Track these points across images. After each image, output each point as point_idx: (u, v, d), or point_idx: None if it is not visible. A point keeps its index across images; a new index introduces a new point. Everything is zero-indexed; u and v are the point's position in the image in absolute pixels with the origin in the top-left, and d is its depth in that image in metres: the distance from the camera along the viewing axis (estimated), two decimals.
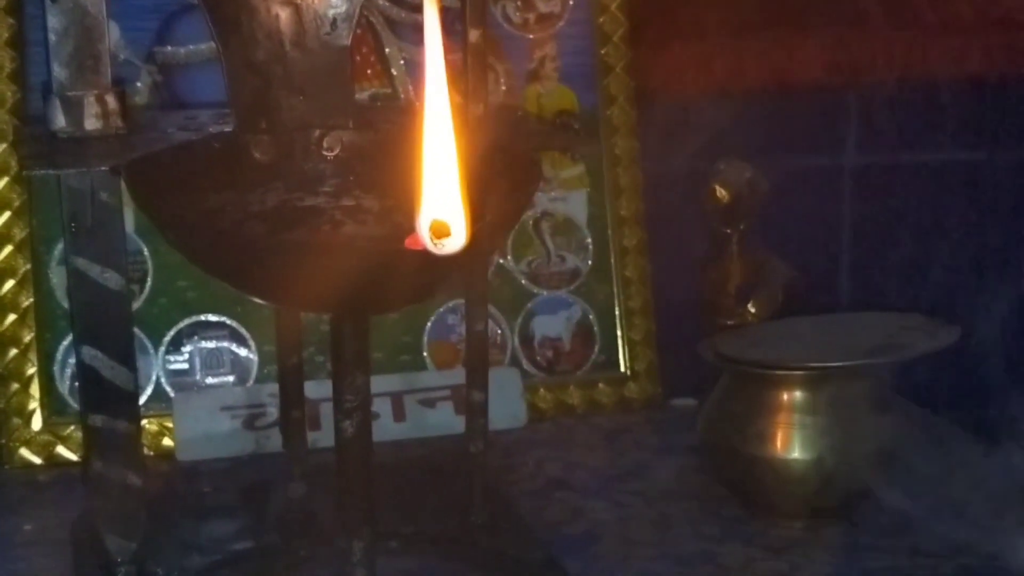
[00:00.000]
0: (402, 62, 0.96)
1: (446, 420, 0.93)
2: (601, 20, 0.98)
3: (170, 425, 0.91)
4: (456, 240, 0.52)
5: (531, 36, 0.97)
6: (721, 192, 0.97)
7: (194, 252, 0.62)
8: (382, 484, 0.73)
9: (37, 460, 0.89)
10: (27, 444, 0.90)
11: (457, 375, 0.93)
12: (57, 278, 0.90)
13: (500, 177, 0.61)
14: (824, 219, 1.07)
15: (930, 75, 1.05)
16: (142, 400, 0.87)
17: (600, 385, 0.98)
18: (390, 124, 0.75)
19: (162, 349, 0.92)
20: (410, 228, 0.55)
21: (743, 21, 1.03)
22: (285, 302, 0.71)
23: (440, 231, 0.52)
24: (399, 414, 0.93)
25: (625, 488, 0.85)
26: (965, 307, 0.90)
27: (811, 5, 1.04)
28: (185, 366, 0.93)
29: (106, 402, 0.71)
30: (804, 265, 1.00)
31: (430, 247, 0.53)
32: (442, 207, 0.53)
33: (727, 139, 0.98)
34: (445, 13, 0.97)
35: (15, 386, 0.90)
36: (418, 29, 0.96)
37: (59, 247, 0.89)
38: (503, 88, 0.96)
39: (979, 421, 0.96)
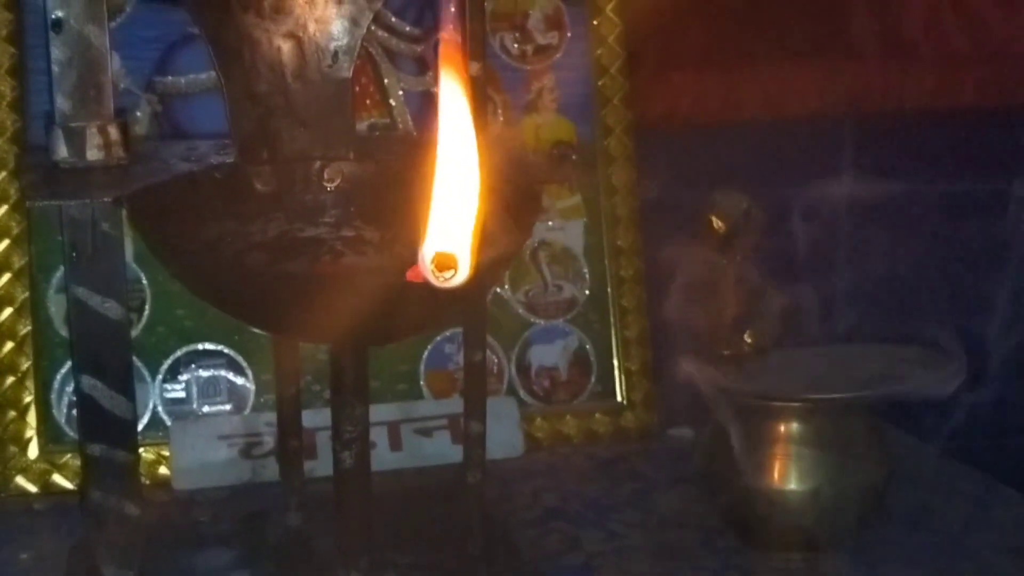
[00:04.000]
0: (400, 93, 0.96)
1: (443, 449, 0.93)
2: (599, 52, 0.99)
3: (167, 454, 0.91)
4: (460, 274, 0.53)
5: (529, 68, 0.98)
6: (718, 223, 0.97)
7: (195, 283, 0.63)
8: (379, 514, 0.73)
9: (33, 488, 0.89)
10: (23, 472, 0.89)
11: (454, 404, 0.93)
12: (55, 306, 0.90)
13: (502, 209, 0.61)
14: (820, 249, 1.07)
15: (925, 105, 1.06)
16: (138, 427, 0.87)
17: (597, 415, 0.98)
18: (390, 155, 0.76)
19: (159, 377, 0.92)
20: (411, 259, 0.55)
21: (739, 52, 1.04)
22: (286, 333, 0.71)
23: (444, 264, 0.53)
24: (396, 443, 0.93)
25: (622, 519, 0.85)
26: (962, 338, 0.91)
27: (806, 35, 1.05)
28: (182, 395, 0.93)
29: (105, 431, 0.71)
30: (800, 295, 1.01)
31: (432, 280, 0.53)
32: (447, 240, 0.53)
33: (724, 169, 0.99)
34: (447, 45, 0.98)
35: (12, 414, 0.90)
36: (417, 61, 0.97)
37: (58, 275, 0.89)
38: (501, 119, 0.97)
39: (975, 452, 0.97)
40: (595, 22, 0.99)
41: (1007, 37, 1.06)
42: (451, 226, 0.54)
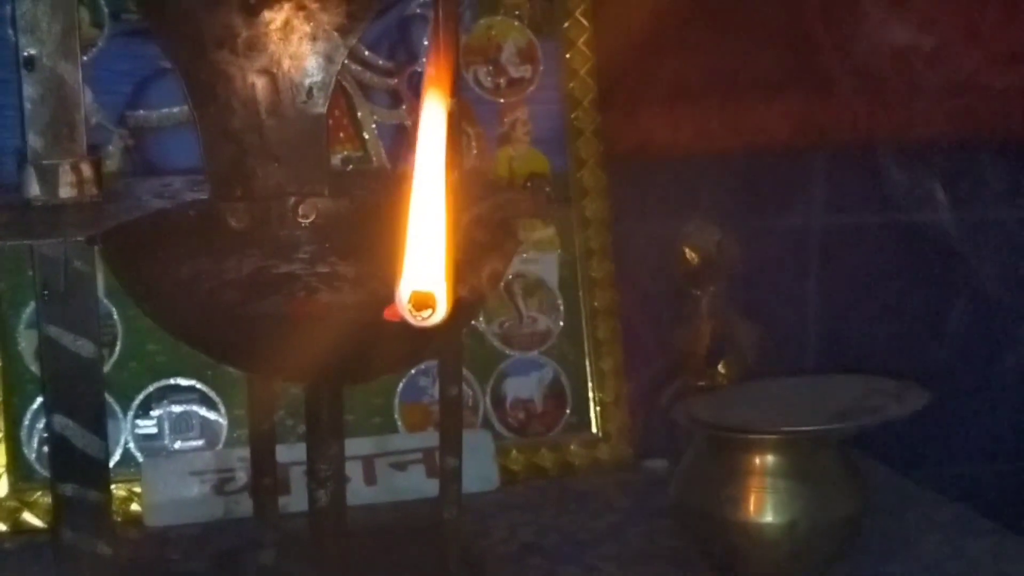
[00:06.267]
0: (374, 126, 0.96)
1: (418, 484, 0.92)
2: (571, 85, 0.99)
3: (138, 490, 0.90)
4: (438, 312, 0.52)
5: (502, 100, 0.98)
6: (691, 254, 0.98)
7: (170, 322, 0.62)
8: (354, 551, 0.73)
9: (2, 527, 0.88)
10: None
11: (429, 438, 0.92)
12: (25, 342, 0.89)
13: (479, 245, 0.61)
14: (792, 280, 1.08)
15: (895, 138, 1.07)
16: (110, 464, 0.86)
17: (572, 447, 0.98)
18: (365, 191, 0.76)
19: (131, 413, 0.92)
20: (386, 296, 0.55)
21: (710, 85, 1.04)
22: (262, 372, 0.70)
23: (421, 303, 0.52)
24: (370, 478, 0.93)
25: (599, 552, 0.85)
26: (934, 368, 0.91)
27: (777, 69, 1.06)
28: (154, 430, 0.92)
29: (77, 471, 0.70)
30: (773, 326, 1.01)
31: (410, 319, 0.53)
32: (423, 278, 0.53)
33: (696, 202, 0.99)
34: (417, 79, 0.99)
35: None
36: (390, 94, 0.97)
37: (28, 311, 0.88)
38: (475, 152, 0.97)
39: (948, 481, 0.97)
40: (567, 55, 0.99)
41: (975, 69, 1.07)
42: (427, 264, 0.54)
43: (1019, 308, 1.07)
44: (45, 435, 0.84)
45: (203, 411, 0.93)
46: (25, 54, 0.67)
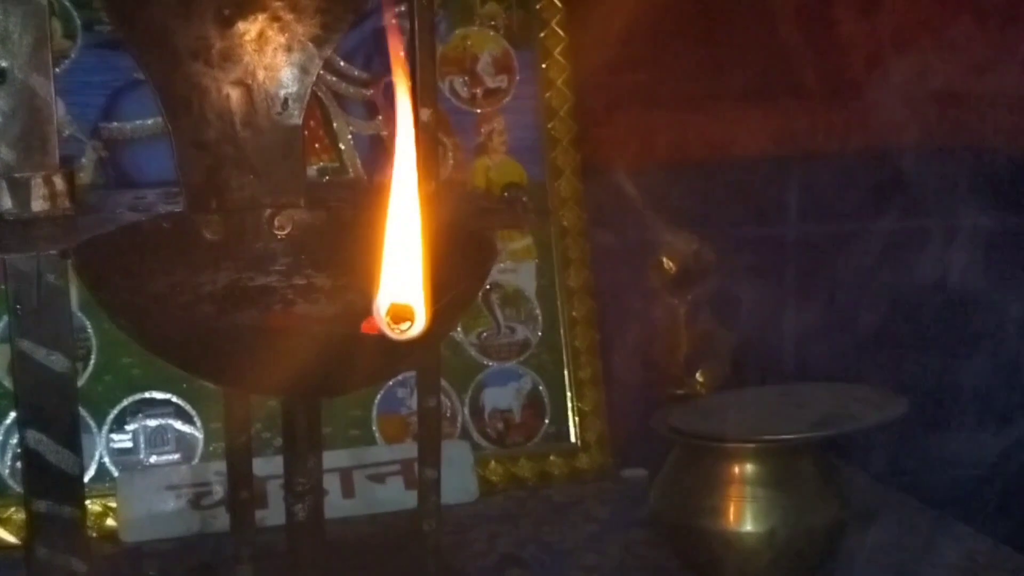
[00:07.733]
0: (350, 136, 0.96)
1: (397, 496, 0.92)
2: (547, 95, 0.99)
3: (114, 505, 0.89)
4: (416, 325, 0.52)
5: (479, 111, 0.98)
6: (668, 263, 0.97)
7: (144, 336, 0.62)
8: (333, 565, 0.72)
9: None
10: None
11: (407, 449, 0.92)
12: None
13: (456, 257, 0.61)
14: (770, 288, 1.08)
15: (869, 146, 1.07)
16: (85, 480, 0.85)
17: (551, 457, 0.98)
18: (341, 202, 0.75)
19: (106, 428, 0.91)
20: (364, 308, 0.55)
21: (686, 95, 1.05)
22: (238, 387, 0.70)
23: (399, 316, 0.52)
24: (348, 490, 0.92)
25: (578, 563, 0.85)
26: (909, 375, 0.91)
27: (752, 78, 1.06)
28: (129, 444, 0.91)
29: (51, 487, 0.69)
30: (751, 334, 1.01)
31: (388, 332, 0.52)
32: (401, 291, 0.52)
33: (673, 211, 0.99)
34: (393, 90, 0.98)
35: None
36: (366, 104, 0.96)
37: (1, 325, 0.87)
38: (451, 162, 0.97)
39: (926, 487, 0.97)
40: (543, 65, 0.99)
41: (949, 77, 1.08)
42: (405, 276, 0.54)
43: (995, 314, 1.08)
44: (18, 450, 0.83)
45: (179, 424, 0.92)
46: None
